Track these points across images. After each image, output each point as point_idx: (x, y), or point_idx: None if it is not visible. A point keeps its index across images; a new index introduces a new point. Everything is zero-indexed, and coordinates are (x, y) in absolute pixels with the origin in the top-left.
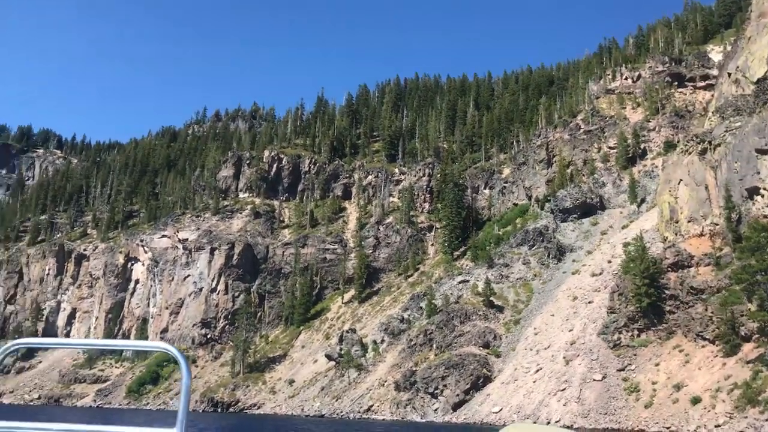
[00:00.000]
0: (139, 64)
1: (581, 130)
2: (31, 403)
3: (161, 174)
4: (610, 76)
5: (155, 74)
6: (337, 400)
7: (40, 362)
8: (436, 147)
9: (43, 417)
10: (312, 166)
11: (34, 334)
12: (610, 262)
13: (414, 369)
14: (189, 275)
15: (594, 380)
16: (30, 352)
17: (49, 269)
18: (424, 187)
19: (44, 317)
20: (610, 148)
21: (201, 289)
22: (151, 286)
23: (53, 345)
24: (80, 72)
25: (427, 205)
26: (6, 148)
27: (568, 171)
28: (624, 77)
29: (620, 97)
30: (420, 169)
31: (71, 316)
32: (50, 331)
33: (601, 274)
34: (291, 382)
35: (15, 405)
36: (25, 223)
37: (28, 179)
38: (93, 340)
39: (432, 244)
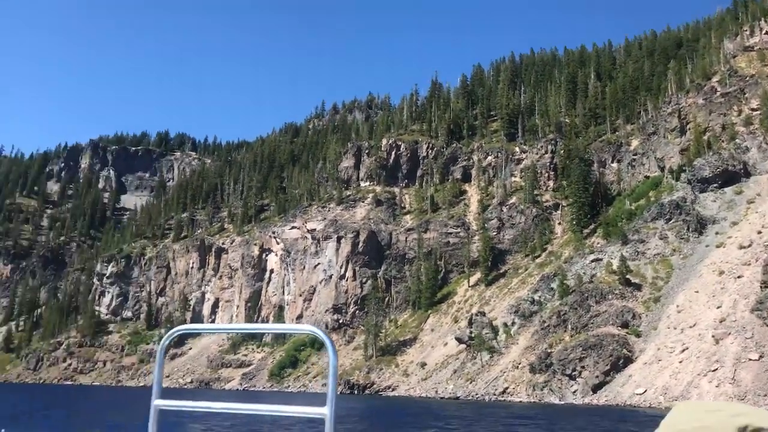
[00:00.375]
0: (260, 63)
1: (717, 93)
2: (185, 387)
3: (287, 168)
4: (747, 32)
5: (276, 72)
6: (471, 383)
7: (191, 349)
8: (557, 122)
9: (206, 397)
10: (430, 151)
11: (183, 323)
12: (760, 232)
13: (549, 351)
14: (319, 263)
15: (750, 360)
16: (181, 340)
17: (192, 263)
18: (548, 164)
19: (191, 307)
20: (753, 109)
21: (331, 277)
22: (285, 275)
23: (210, 330)
24: (206, 76)
25: (551, 183)
26: (148, 153)
27: (705, 138)
28: (764, 32)
29: (761, 54)
30: (542, 146)
31: (215, 305)
32: (197, 319)
33: (750, 246)
34: (423, 364)
35: (172, 388)
36: (169, 221)
37: (168, 181)
38: (246, 325)
39: (559, 223)
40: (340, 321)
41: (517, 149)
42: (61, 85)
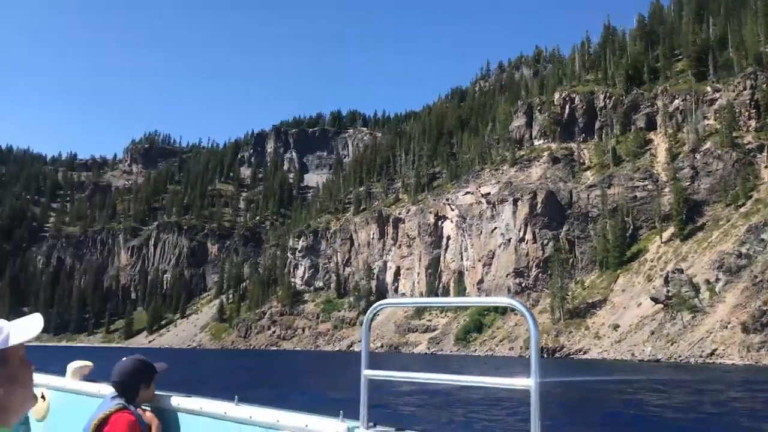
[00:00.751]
0: (420, 30)
1: None
2: (376, 351)
3: (456, 134)
4: None
5: (437, 38)
6: (672, 344)
7: (378, 315)
8: (756, 53)
9: (397, 361)
10: (608, 101)
11: (369, 292)
12: None
13: (764, 308)
14: (496, 227)
15: None
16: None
17: (372, 234)
18: (747, 102)
19: (375, 276)
20: None
21: (509, 240)
22: (462, 240)
23: (409, 303)
24: (371, 52)
25: (753, 123)
26: (324, 133)
27: None
28: None
29: None
30: (739, 83)
31: (397, 274)
32: (381, 287)
33: None
34: (615, 326)
35: None
36: (348, 196)
37: (344, 157)
38: (445, 299)
39: (766, 167)
40: (523, 285)
41: (708, 89)
42: (244, 76)
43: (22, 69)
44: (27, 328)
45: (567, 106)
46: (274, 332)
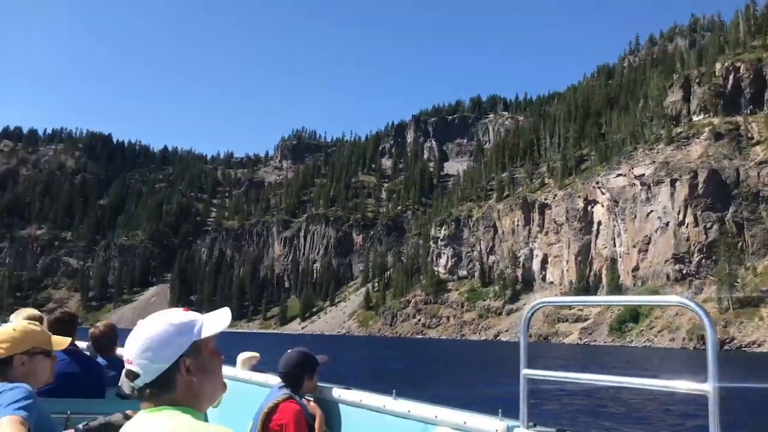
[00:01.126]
0: (561, 7)
1: None
2: None
3: (604, 113)
4: None
5: (580, 13)
6: None
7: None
8: None
9: (547, 351)
10: None
11: (514, 280)
12: None
13: None
14: (651, 211)
15: None
16: (515, 296)
17: (517, 221)
18: None
19: (521, 264)
20: None
21: (667, 224)
22: (614, 226)
23: (572, 302)
24: (509, 34)
25: None
26: (464, 120)
27: None
28: None
29: None
30: None
31: (544, 261)
32: (527, 275)
33: None
34: None
35: (513, 342)
36: (490, 183)
37: (485, 143)
38: (607, 297)
39: None
40: (684, 271)
41: None
42: (383, 68)
43: (184, 74)
44: (218, 320)
45: (730, 77)
46: (419, 320)
